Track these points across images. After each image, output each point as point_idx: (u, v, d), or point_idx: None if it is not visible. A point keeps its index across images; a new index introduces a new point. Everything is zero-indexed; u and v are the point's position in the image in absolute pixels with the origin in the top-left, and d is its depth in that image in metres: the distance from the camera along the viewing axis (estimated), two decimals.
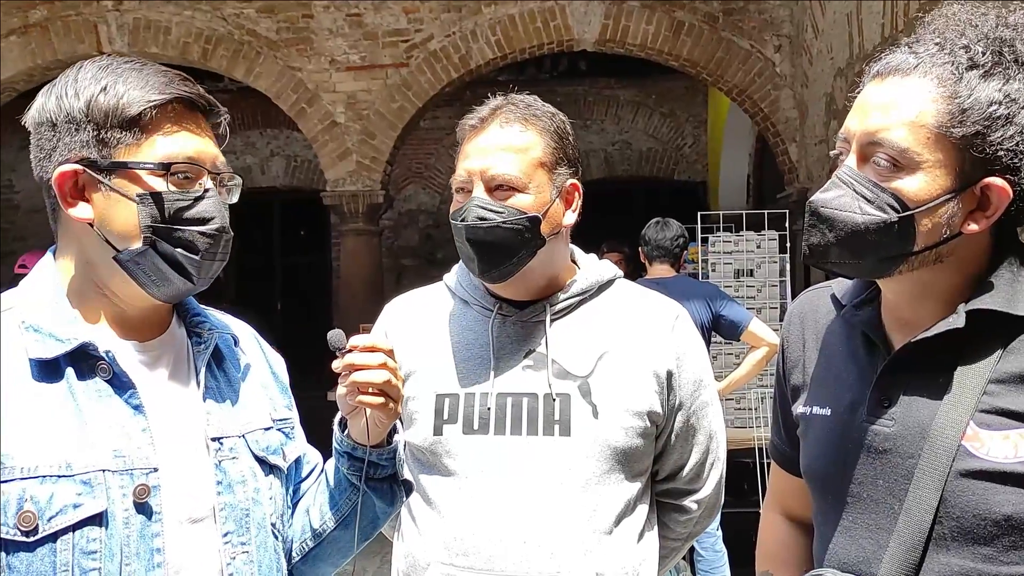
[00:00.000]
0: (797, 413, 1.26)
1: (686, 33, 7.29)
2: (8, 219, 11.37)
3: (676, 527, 1.62)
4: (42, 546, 0.99)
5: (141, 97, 1.06)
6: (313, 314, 9.92)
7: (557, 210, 1.49)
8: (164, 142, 1.08)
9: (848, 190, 1.07)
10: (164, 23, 7.57)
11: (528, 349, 1.50)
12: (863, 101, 1.11)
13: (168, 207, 1.06)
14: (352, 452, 1.20)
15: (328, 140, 7.60)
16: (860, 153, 1.08)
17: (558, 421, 1.46)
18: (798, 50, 7.17)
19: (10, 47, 7.62)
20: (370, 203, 7.62)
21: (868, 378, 1.14)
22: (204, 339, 1.18)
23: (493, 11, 7.42)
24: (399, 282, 10.12)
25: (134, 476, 1.04)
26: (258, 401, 1.23)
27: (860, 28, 5.74)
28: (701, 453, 1.59)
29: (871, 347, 1.17)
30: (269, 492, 1.18)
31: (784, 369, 1.32)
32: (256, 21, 7.58)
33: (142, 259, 1.07)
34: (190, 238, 1.07)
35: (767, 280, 5.39)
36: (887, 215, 1.05)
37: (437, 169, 10.99)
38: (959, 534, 1.03)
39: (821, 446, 1.19)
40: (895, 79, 1.08)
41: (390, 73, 7.54)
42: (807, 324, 1.29)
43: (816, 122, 6.84)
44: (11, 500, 0.98)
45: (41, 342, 1.04)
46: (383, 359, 1.13)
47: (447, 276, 1.65)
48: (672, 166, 11.02)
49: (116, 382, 1.07)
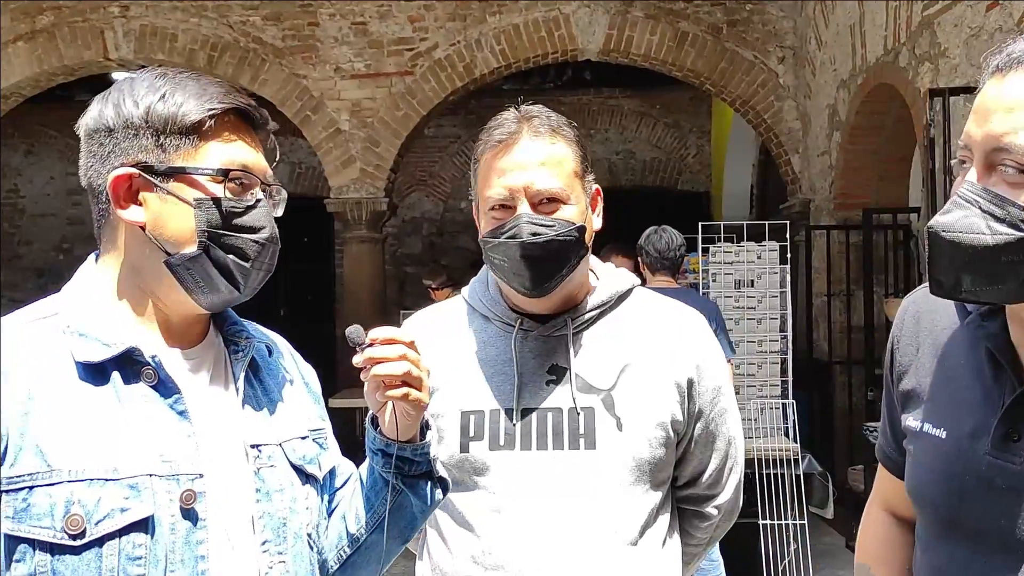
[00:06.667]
0: (907, 425, 1.15)
1: (690, 44, 7.32)
2: (14, 223, 11.40)
3: (697, 533, 1.63)
4: (88, 550, 0.98)
5: (200, 105, 1.08)
6: (317, 321, 9.92)
7: (590, 217, 1.52)
8: (221, 149, 1.09)
9: (973, 209, 0.94)
10: (170, 30, 7.61)
11: (551, 363, 1.51)
12: (984, 102, 0.97)
13: (225, 212, 1.08)
14: (385, 449, 1.19)
15: (332, 147, 7.63)
16: (984, 162, 0.95)
17: (583, 435, 1.47)
18: (801, 61, 7.19)
19: (17, 53, 7.67)
20: (374, 210, 7.65)
21: (994, 403, 1.03)
22: (241, 347, 1.18)
23: (498, 20, 7.46)
24: (402, 289, 10.14)
25: (180, 481, 1.04)
26: (294, 411, 1.22)
27: (863, 40, 5.76)
28: (720, 459, 1.59)
29: (998, 367, 1.04)
30: (306, 502, 1.17)
31: (894, 372, 1.20)
32: (262, 29, 7.62)
33: (193, 264, 1.08)
34: (242, 245, 1.08)
35: (767, 291, 5.39)
36: (1022, 232, 0.92)
37: (441, 177, 11.02)
38: None
39: (933, 471, 1.09)
40: (1017, 74, 0.94)
41: (395, 81, 7.57)
42: (923, 325, 1.16)
43: (819, 133, 6.86)
44: (58, 503, 0.98)
45: (88, 346, 1.04)
46: (403, 350, 1.12)
47: (465, 290, 1.64)
48: (676, 176, 11.05)
49: (161, 387, 1.06)
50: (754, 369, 5.38)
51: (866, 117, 5.95)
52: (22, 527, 0.97)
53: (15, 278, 10.95)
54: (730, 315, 5.14)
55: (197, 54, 7.55)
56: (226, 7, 7.61)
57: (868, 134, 6.08)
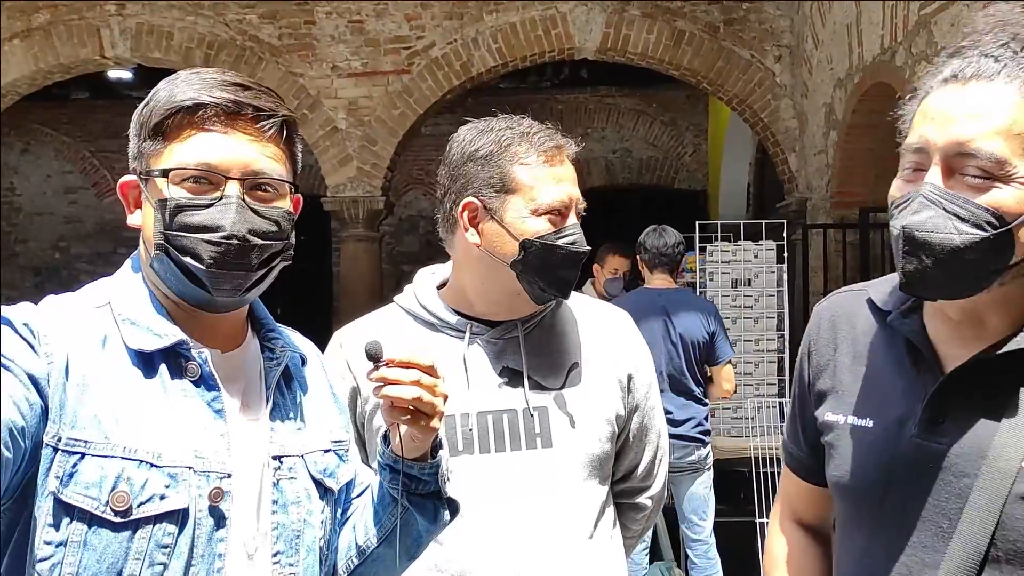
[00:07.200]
0: (825, 421, 1.20)
1: (687, 42, 7.32)
2: (11, 221, 11.38)
3: (633, 525, 1.69)
4: (126, 530, 0.98)
5: (165, 105, 1.07)
6: (313, 320, 9.91)
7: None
8: (179, 149, 1.07)
9: (938, 210, 0.99)
10: (167, 28, 7.60)
11: (501, 366, 1.53)
12: (943, 108, 1.01)
13: (169, 213, 1.06)
14: (393, 465, 1.18)
15: (329, 146, 7.63)
16: (946, 166, 1.00)
17: (539, 434, 1.50)
18: (798, 60, 7.19)
19: (13, 51, 7.65)
20: (371, 209, 7.64)
21: (917, 392, 1.09)
22: (276, 355, 1.17)
23: (495, 19, 7.45)
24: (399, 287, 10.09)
25: (210, 479, 1.04)
26: (319, 423, 1.22)
27: (860, 39, 5.76)
28: (652, 451, 1.66)
29: (918, 360, 1.11)
30: (321, 515, 1.17)
31: (809, 374, 1.25)
32: (258, 27, 7.61)
33: (159, 266, 1.08)
34: (193, 246, 1.05)
35: (764, 290, 5.40)
36: (985, 232, 0.97)
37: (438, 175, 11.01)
38: (1013, 557, 1.00)
39: (860, 459, 1.14)
40: (979, 84, 1.00)
41: (391, 80, 7.57)
42: (840, 327, 1.23)
43: (816, 132, 6.86)
44: (108, 476, 0.98)
45: (140, 334, 1.05)
46: (416, 376, 1.09)
47: (401, 299, 1.64)
48: (672, 174, 11.05)
49: (202, 384, 1.07)
50: (751, 368, 5.40)
51: (863, 116, 5.95)
52: (66, 491, 0.97)
53: (12, 276, 10.93)
54: (727, 314, 5.15)
55: (193, 52, 7.54)
56: (223, 5, 7.60)
57: (865, 133, 6.08)
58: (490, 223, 1.49)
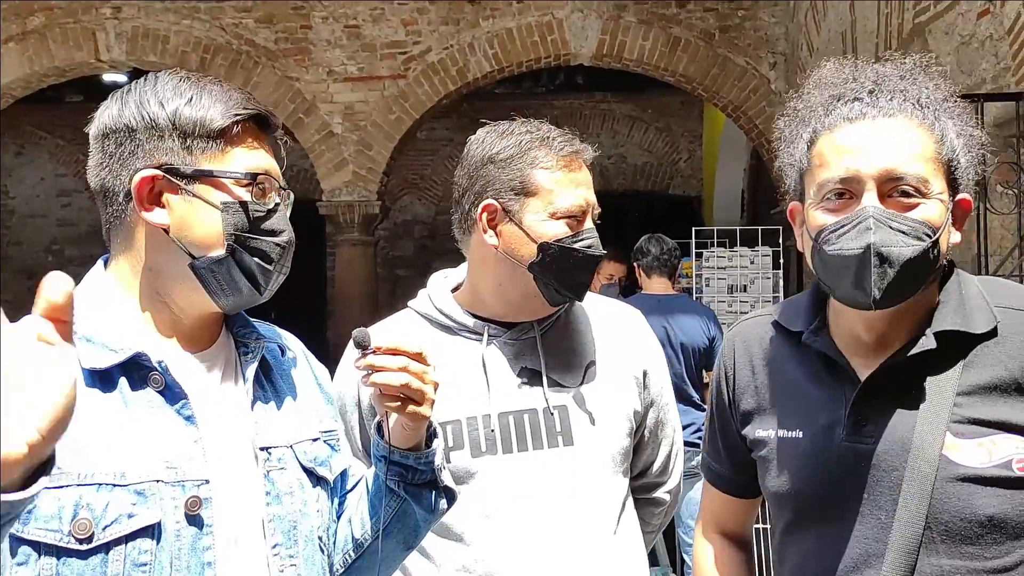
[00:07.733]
0: (756, 438, 1.30)
1: (682, 49, 7.33)
2: (4, 224, 11.34)
3: (652, 520, 1.71)
4: (95, 555, 0.98)
5: (227, 110, 1.10)
6: (308, 323, 9.90)
7: None
8: (246, 155, 1.11)
9: (886, 228, 1.11)
10: (163, 32, 7.59)
11: (520, 366, 1.55)
12: (860, 144, 1.15)
13: (252, 216, 1.09)
14: (388, 455, 1.19)
15: (325, 150, 7.62)
16: (880, 191, 1.13)
17: (560, 433, 1.52)
18: (793, 68, 7.21)
19: (8, 53, 7.64)
20: (366, 213, 7.64)
21: (838, 400, 1.21)
22: (251, 348, 1.18)
23: (491, 25, 7.46)
24: (394, 292, 10.12)
25: (185, 488, 1.03)
26: (305, 412, 1.22)
27: (855, 46, 5.78)
28: (669, 446, 1.68)
29: (833, 371, 1.23)
30: (316, 504, 1.17)
31: (731, 396, 1.36)
32: (255, 31, 7.61)
33: (218, 267, 1.08)
34: (266, 248, 1.11)
35: (760, 296, 5.41)
36: (925, 243, 1.12)
37: (433, 180, 11.01)
38: (947, 536, 1.11)
39: (796, 468, 1.24)
40: (884, 121, 1.15)
41: (387, 84, 7.57)
42: (753, 351, 1.34)
43: None
44: (66, 506, 0.97)
45: (94, 352, 1.04)
46: (404, 362, 1.11)
47: (416, 303, 1.64)
48: (667, 180, 11.07)
49: (168, 393, 1.06)
50: None
51: None
52: (27, 529, 0.96)
53: (5, 279, 10.89)
54: (723, 320, 5.15)
55: (189, 56, 7.53)
56: (219, 9, 7.59)
57: None
58: (509, 225, 1.50)
